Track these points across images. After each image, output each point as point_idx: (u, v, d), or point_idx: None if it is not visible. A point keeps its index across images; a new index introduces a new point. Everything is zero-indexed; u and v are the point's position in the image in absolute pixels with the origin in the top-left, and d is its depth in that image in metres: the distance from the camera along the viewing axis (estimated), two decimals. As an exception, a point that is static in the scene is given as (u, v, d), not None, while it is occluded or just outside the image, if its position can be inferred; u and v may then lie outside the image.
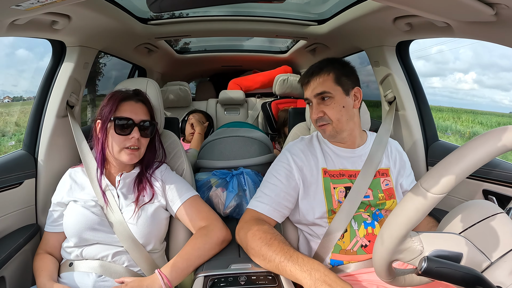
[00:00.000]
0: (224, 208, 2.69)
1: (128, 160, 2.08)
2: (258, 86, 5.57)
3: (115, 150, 2.08)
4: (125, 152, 2.07)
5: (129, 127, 2.07)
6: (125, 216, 2.04)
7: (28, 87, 7.20)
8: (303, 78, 2.13)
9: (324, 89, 2.03)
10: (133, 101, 2.13)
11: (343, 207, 1.96)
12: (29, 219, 2.44)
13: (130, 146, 2.06)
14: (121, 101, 2.11)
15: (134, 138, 2.06)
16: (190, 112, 4.57)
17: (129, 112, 2.09)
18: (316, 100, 2.05)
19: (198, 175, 2.88)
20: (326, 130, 2.06)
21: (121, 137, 2.06)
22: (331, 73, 2.06)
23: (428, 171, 1.18)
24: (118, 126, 2.05)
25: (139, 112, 2.11)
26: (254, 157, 3.01)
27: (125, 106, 2.10)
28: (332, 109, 2.03)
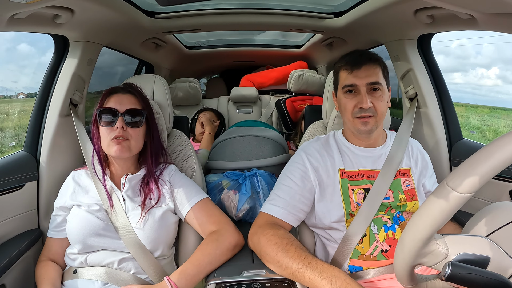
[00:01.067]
0: (237, 212, 2.69)
1: (117, 153, 2.05)
2: (272, 83, 5.56)
3: (104, 145, 2.09)
4: (112, 144, 2.06)
5: (112, 117, 2.07)
6: (131, 220, 2.04)
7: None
8: (354, 61, 2.06)
9: (377, 79, 2.01)
10: (120, 93, 2.14)
11: (361, 209, 1.94)
12: (31, 224, 2.44)
13: (116, 137, 2.05)
14: (108, 95, 2.13)
15: (118, 128, 2.05)
16: (200, 110, 4.58)
17: (114, 103, 2.09)
18: (365, 89, 2.01)
19: (209, 176, 2.88)
20: (369, 123, 2.02)
21: (107, 129, 2.06)
22: (380, 65, 2.06)
23: (454, 170, 1.17)
24: (102, 118, 2.06)
25: (124, 102, 2.11)
26: (268, 158, 3.01)
27: (111, 99, 2.11)
28: (381, 101, 2.02)
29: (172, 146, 2.53)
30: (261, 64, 6.33)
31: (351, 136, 2.17)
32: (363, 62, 2.03)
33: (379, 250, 1.90)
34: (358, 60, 2.05)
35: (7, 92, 4.62)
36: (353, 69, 2.04)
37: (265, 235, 1.85)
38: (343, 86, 2.07)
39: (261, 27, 4.01)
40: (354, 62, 2.05)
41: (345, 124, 2.16)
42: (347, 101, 2.06)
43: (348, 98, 2.06)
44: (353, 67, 2.04)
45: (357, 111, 2.02)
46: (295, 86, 4.80)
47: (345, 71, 2.08)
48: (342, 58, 2.15)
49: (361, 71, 2.02)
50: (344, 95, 2.07)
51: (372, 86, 2.00)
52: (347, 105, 2.06)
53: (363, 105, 1.98)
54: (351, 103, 2.03)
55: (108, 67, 5.36)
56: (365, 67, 2.02)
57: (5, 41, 4.37)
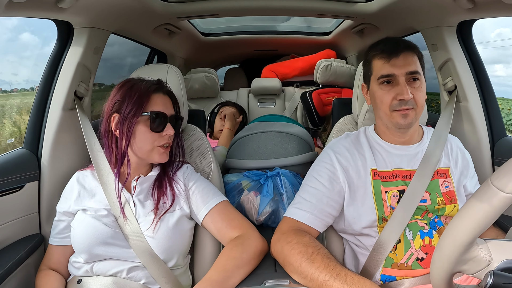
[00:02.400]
0: (258, 215, 2.69)
1: (159, 160, 2.08)
2: (296, 73, 5.56)
3: (144, 150, 2.06)
4: (157, 151, 2.07)
5: (163, 123, 2.06)
6: (142, 227, 2.00)
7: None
8: (390, 48, 2.03)
9: (416, 69, 1.99)
10: (162, 93, 2.13)
11: (395, 213, 1.93)
12: (31, 229, 2.43)
13: (164, 144, 2.07)
14: (152, 92, 2.08)
15: (168, 135, 2.07)
16: (221, 103, 4.58)
17: (162, 105, 2.08)
18: (404, 79, 1.97)
19: (227, 177, 2.88)
20: (409, 116, 1.98)
21: (154, 135, 2.04)
22: (417, 54, 2.04)
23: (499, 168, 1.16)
24: (154, 122, 2.04)
25: (168, 106, 2.12)
26: (293, 156, 2.99)
27: (157, 98, 2.09)
28: (421, 92, 2.00)
29: (187, 143, 2.50)
30: (285, 53, 6.33)
31: (384, 133, 2.14)
32: (401, 50, 2.00)
33: (415, 258, 1.88)
34: (395, 47, 2.01)
35: (11, 86, 4.65)
36: (390, 57, 2.00)
37: (288, 242, 1.83)
38: (379, 76, 2.03)
39: (285, 12, 4.00)
40: (392, 50, 2.01)
41: (380, 119, 2.13)
42: (383, 94, 2.02)
43: (385, 90, 2.02)
44: (390, 55, 2.01)
45: (396, 103, 1.98)
46: (322, 77, 4.79)
47: (380, 60, 2.04)
48: (374, 46, 2.12)
49: (400, 59, 1.98)
50: (379, 86, 2.04)
51: (411, 76, 1.98)
52: (384, 98, 2.02)
53: (404, 96, 1.94)
54: (389, 95, 2.00)
55: (117, 58, 5.39)
56: (404, 55, 1.99)
57: (7, 30, 4.39)
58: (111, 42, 2.93)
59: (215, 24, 5.44)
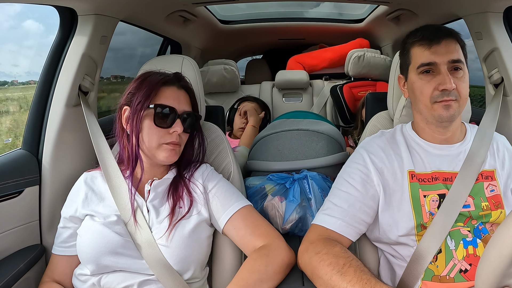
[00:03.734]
0: (283, 223, 2.68)
1: (165, 159, 2.04)
2: (325, 65, 5.55)
3: (151, 146, 2.04)
4: (163, 149, 2.04)
5: (170, 118, 2.04)
6: (156, 236, 1.97)
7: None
8: (431, 35, 2.03)
9: (460, 57, 1.98)
10: (176, 87, 2.12)
11: (436, 220, 1.91)
12: (31, 239, 2.41)
13: (170, 143, 2.04)
14: (162, 85, 2.07)
15: (175, 132, 2.04)
16: (241, 99, 4.59)
17: (172, 99, 2.07)
18: (446, 68, 1.97)
19: (249, 180, 2.88)
20: (451, 108, 1.96)
21: (161, 130, 2.03)
22: (459, 42, 2.04)
23: None
24: (159, 116, 2.02)
25: (182, 101, 2.10)
26: (322, 157, 2.97)
27: (166, 92, 2.08)
28: (464, 83, 1.99)
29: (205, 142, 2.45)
30: (313, 43, 6.32)
31: (423, 130, 2.13)
32: (442, 36, 2.00)
33: (457, 270, 1.87)
34: (436, 33, 2.01)
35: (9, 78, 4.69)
36: (431, 44, 2.00)
37: (317, 253, 1.82)
38: (419, 65, 2.03)
39: (313, -3, 4.00)
40: (432, 36, 2.01)
41: (419, 113, 2.12)
42: (424, 84, 2.02)
43: (425, 79, 2.01)
44: (431, 41, 2.00)
45: (437, 94, 1.97)
46: (354, 69, 4.78)
47: (420, 47, 2.04)
48: (413, 33, 2.11)
49: (441, 46, 1.98)
50: (419, 76, 2.04)
51: (453, 64, 1.97)
52: (424, 89, 2.01)
53: (447, 86, 1.93)
54: (430, 86, 1.99)
55: (128, 48, 5.42)
56: (446, 42, 1.99)
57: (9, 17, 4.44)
58: (121, 31, 2.93)
59: (235, 10, 5.43)
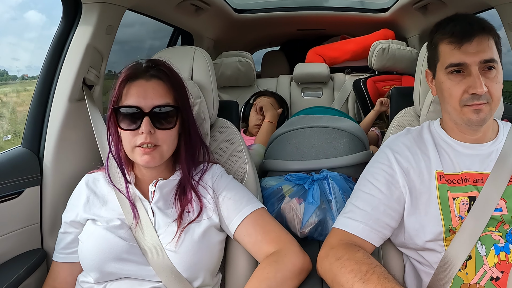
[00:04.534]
0: (302, 227, 2.66)
1: (143, 163, 1.98)
2: (348, 58, 5.55)
3: (127, 150, 2.02)
4: (137, 153, 1.99)
5: (135, 118, 1.97)
6: (163, 240, 1.96)
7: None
8: (462, 31, 1.94)
9: (492, 56, 1.92)
10: (143, 80, 2.02)
11: (465, 224, 1.89)
12: (32, 243, 2.40)
13: (141, 144, 1.96)
14: (126, 82, 2.02)
15: (144, 133, 1.94)
16: (257, 93, 4.58)
17: (136, 96, 1.98)
18: (477, 69, 1.90)
19: (266, 180, 2.88)
20: (482, 112, 1.92)
21: (129, 133, 1.98)
22: (493, 37, 1.97)
23: None
24: (123, 119, 1.98)
25: (150, 95, 1.99)
26: (343, 156, 2.96)
27: (131, 89, 2.01)
28: (497, 84, 1.94)
29: (217, 140, 2.48)
30: (334, 34, 6.32)
31: (452, 129, 2.10)
32: (474, 33, 1.92)
33: (488, 278, 1.85)
34: (468, 29, 1.94)
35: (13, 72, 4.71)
36: (462, 43, 1.93)
37: (338, 259, 1.82)
38: (448, 65, 1.97)
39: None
40: (463, 33, 1.93)
41: (447, 113, 2.08)
42: (453, 85, 1.96)
43: (454, 81, 1.96)
44: (461, 39, 1.93)
45: (467, 98, 1.92)
46: (378, 62, 4.78)
47: (449, 45, 1.97)
48: (442, 26, 2.05)
49: (473, 45, 1.91)
50: (447, 76, 1.98)
51: (486, 64, 1.92)
52: (453, 91, 1.96)
53: (477, 90, 1.87)
54: (459, 88, 1.94)
55: (136, 40, 5.43)
56: (478, 40, 1.92)
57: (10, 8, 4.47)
58: (129, 22, 2.93)
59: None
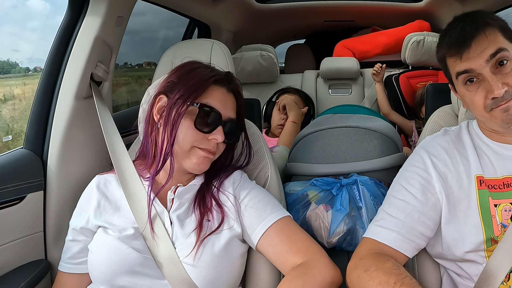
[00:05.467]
0: (329, 236, 2.67)
1: (195, 166, 1.99)
2: (379, 51, 5.54)
3: (183, 147, 1.99)
4: (195, 154, 1.99)
5: (213, 123, 1.99)
6: (180, 252, 1.90)
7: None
8: (457, 41, 1.92)
9: (498, 45, 1.87)
10: (225, 89, 2.08)
11: (508, 233, 1.86)
12: (35, 253, 2.37)
13: (206, 150, 1.99)
14: (213, 82, 2.04)
15: (214, 140, 1.99)
16: (280, 90, 4.59)
17: (219, 102, 2.03)
18: (489, 69, 1.87)
19: (290, 185, 2.88)
20: (511, 107, 1.89)
21: (198, 134, 1.98)
22: (496, 26, 1.93)
23: None
24: (202, 118, 1.98)
25: (229, 106, 2.07)
26: (375, 159, 2.95)
27: (215, 92, 2.04)
28: None
29: (238, 142, 2.39)
30: (364, 25, 6.31)
31: (490, 132, 2.07)
32: (470, 36, 1.89)
33: (534, 292, 1.84)
34: (462, 36, 1.92)
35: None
36: (461, 52, 1.91)
37: (366, 270, 1.80)
38: (456, 74, 1.95)
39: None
40: (459, 41, 1.92)
41: (480, 122, 2.07)
42: (472, 96, 1.94)
43: (472, 90, 1.93)
44: (459, 49, 1.91)
45: (490, 103, 1.89)
46: (412, 56, 4.75)
47: (452, 58, 1.96)
48: (440, 40, 2.05)
49: (472, 49, 1.89)
50: (465, 88, 1.96)
51: (495, 60, 1.87)
52: (474, 101, 1.93)
53: (494, 93, 1.84)
54: (479, 96, 1.91)
55: (148, 30, 5.44)
56: (476, 42, 1.89)
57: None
58: (140, 11, 2.92)
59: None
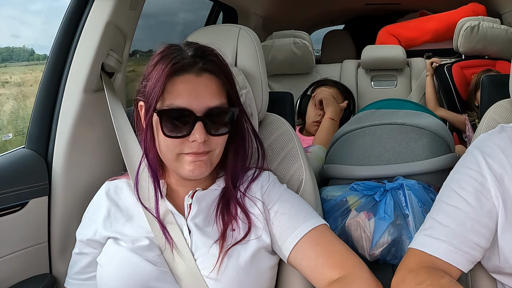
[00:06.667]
0: (371, 247, 2.64)
1: (190, 173, 1.87)
2: (428, 38, 5.52)
3: (169, 158, 1.90)
4: (184, 162, 1.87)
5: (186, 124, 1.82)
6: (201, 265, 1.84)
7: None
8: None
9: None
10: (193, 75, 1.85)
11: None
12: (38, 267, 2.33)
13: (193, 153, 1.84)
14: (171, 75, 1.83)
15: (195, 142, 1.82)
16: (316, 82, 4.58)
17: (186, 96, 1.82)
18: None
19: (327, 190, 2.86)
20: None
21: (175, 141, 1.85)
22: None
23: None
24: (168, 124, 1.83)
25: (202, 94, 1.85)
26: (423, 160, 2.91)
27: (178, 85, 1.83)
28: None
29: (267, 141, 2.40)
30: (411, 9, 6.30)
31: None
32: None
33: None
34: None
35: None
36: None
37: (418, 284, 1.75)
38: None
39: None
40: None
41: None
42: None
43: None
44: None
45: None
46: (466, 43, 4.72)
47: None
48: None
49: None
50: None
51: None
52: None
53: None
54: None
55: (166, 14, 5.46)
56: None
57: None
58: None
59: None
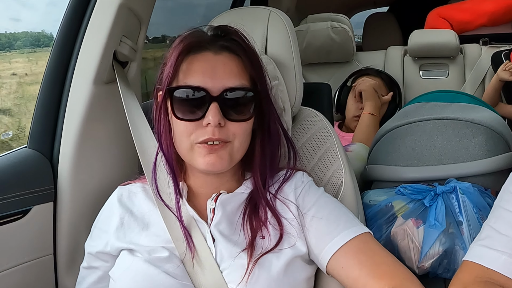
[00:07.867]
0: (421, 259, 2.61)
1: (205, 166, 1.82)
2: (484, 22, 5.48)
3: (182, 149, 1.87)
4: (198, 152, 1.82)
5: (199, 104, 1.80)
6: (227, 277, 1.78)
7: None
8: None
9: None
10: (210, 53, 1.85)
11: None
12: (42, 282, 2.30)
13: (206, 141, 1.79)
14: (187, 53, 1.85)
15: (211, 125, 1.77)
16: (357, 72, 4.57)
17: (201, 75, 1.81)
18: None
19: (370, 194, 2.85)
20: None
21: (188, 125, 1.81)
22: None
23: None
24: (180, 105, 1.83)
25: (219, 73, 1.82)
26: (478, 160, 2.88)
27: (194, 63, 1.84)
28: None
29: (301, 138, 2.38)
30: (464, -11, 6.24)
31: None
32: None
33: None
34: None
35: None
36: None
37: None
38: None
39: None
40: None
41: None
42: None
43: None
44: None
45: None
46: (527, 26, 4.67)
47: None
48: None
49: None
50: None
51: None
52: None
53: None
54: None
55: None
56: None
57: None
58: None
59: None
